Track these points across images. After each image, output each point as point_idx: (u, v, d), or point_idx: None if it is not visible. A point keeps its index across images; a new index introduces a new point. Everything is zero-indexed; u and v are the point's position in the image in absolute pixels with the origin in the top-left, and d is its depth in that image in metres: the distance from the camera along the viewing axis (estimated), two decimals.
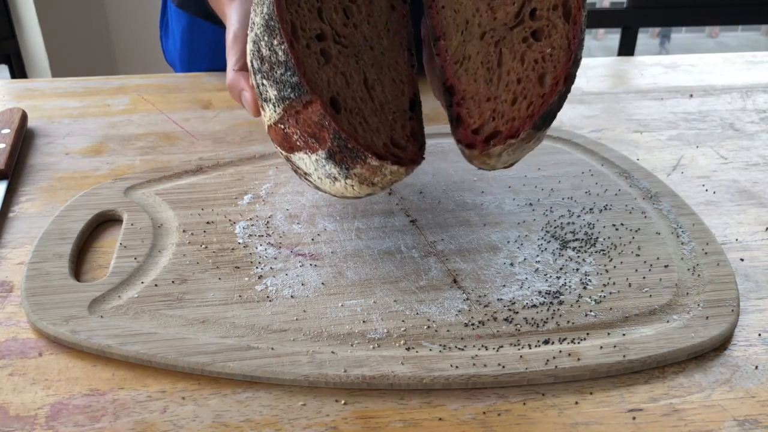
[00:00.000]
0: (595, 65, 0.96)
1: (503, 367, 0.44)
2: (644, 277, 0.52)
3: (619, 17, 2.14)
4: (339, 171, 0.45)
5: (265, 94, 0.46)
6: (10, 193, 0.62)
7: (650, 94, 0.85)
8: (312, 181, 0.49)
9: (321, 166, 0.46)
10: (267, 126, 0.48)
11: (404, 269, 0.52)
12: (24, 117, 0.73)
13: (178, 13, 0.89)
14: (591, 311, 0.48)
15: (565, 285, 0.51)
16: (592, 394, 0.43)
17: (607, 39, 4.33)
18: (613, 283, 0.51)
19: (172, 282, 0.50)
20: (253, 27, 0.46)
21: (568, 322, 0.47)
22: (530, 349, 0.45)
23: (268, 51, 0.44)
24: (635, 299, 0.50)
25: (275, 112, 0.46)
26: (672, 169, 0.68)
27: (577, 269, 0.53)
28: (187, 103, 0.80)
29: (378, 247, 0.55)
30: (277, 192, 0.62)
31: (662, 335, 0.46)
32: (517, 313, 0.48)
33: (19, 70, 2.00)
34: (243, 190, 0.62)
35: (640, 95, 0.85)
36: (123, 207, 0.58)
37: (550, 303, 0.49)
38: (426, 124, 0.75)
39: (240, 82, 0.53)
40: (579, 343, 0.46)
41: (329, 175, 0.46)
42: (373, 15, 0.50)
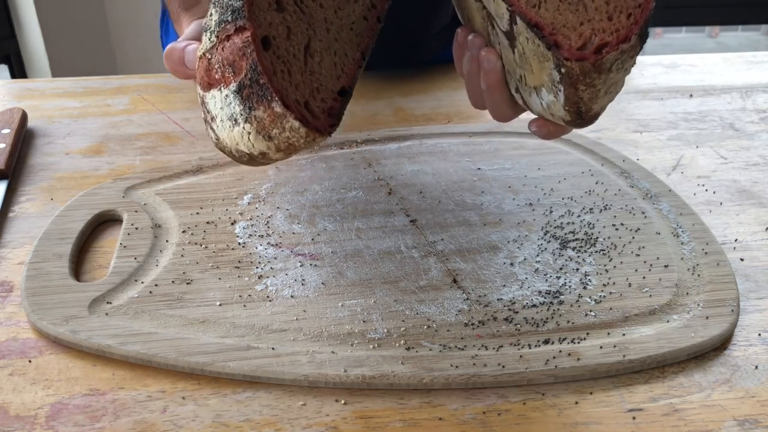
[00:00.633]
0: None
1: (503, 366, 0.44)
2: (644, 277, 0.52)
3: None
4: (241, 110, 0.44)
5: (208, 23, 0.46)
6: (10, 193, 0.62)
7: (650, 94, 0.85)
8: (214, 129, 0.48)
9: (227, 104, 0.45)
10: (198, 60, 0.48)
11: (404, 269, 0.52)
12: (24, 117, 0.73)
13: None
14: (591, 311, 0.49)
15: (565, 285, 0.51)
16: (592, 394, 0.43)
17: None
18: (613, 283, 0.51)
19: (172, 282, 0.50)
20: None
21: (568, 322, 0.47)
22: (530, 348, 0.45)
23: None
24: (635, 299, 0.50)
25: (209, 40, 0.46)
26: (672, 169, 0.68)
27: (577, 269, 0.53)
28: (187, 103, 0.80)
29: (378, 247, 0.55)
30: (277, 192, 0.62)
31: (662, 335, 0.46)
32: (517, 312, 0.48)
33: (19, 70, 2.00)
34: (243, 190, 0.62)
35: (640, 95, 0.85)
36: (123, 207, 0.58)
37: (550, 303, 0.49)
38: (425, 123, 0.75)
39: (176, 48, 0.52)
40: (579, 343, 0.46)
41: (231, 116, 0.45)
42: (343, 9, 0.49)
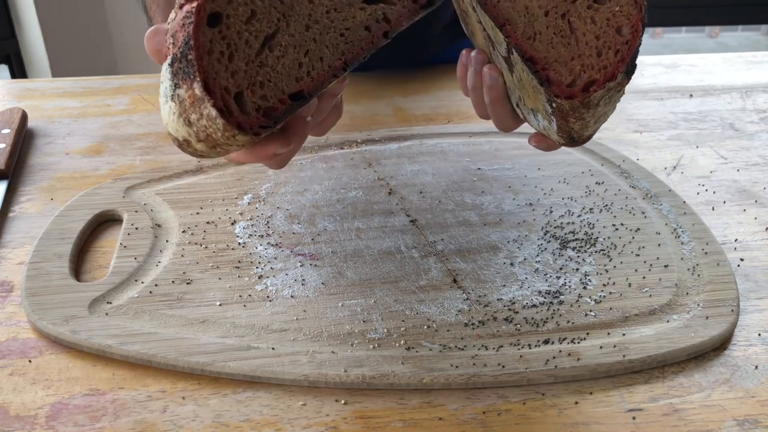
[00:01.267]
0: None
1: (503, 366, 0.44)
2: (644, 277, 0.52)
3: None
4: (170, 86, 0.42)
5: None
6: (10, 193, 0.62)
7: (650, 94, 0.85)
8: (160, 104, 0.46)
9: (165, 78, 0.43)
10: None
11: (404, 269, 0.52)
12: (24, 117, 0.73)
13: None
14: (591, 311, 0.49)
15: (565, 285, 0.51)
16: (592, 394, 0.43)
17: None
18: (613, 283, 0.51)
19: (172, 282, 0.50)
20: None
21: (568, 322, 0.47)
22: (530, 348, 0.45)
23: None
24: (635, 299, 0.50)
25: (174, 14, 0.43)
26: (672, 169, 0.68)
27: (577, 269, 0.53)
28: None
29: (378, 247, 0.55)
30: (277, 192, 0.62)
31: (662, 335, 0.46)
32: (517, 312, 0.48)
33: (19, 70, 2.00)
34: (243, 190, 0.62)
35: (640, 95, 0.85)
36: (123, 207, 0.58)
37: (550, 303, 0.49)
38: (425, 123, 0.75)
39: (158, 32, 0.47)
40: (579, 343, 0.46)
41: (165, 92, 0.43)
42: (340, 12, 0.46)
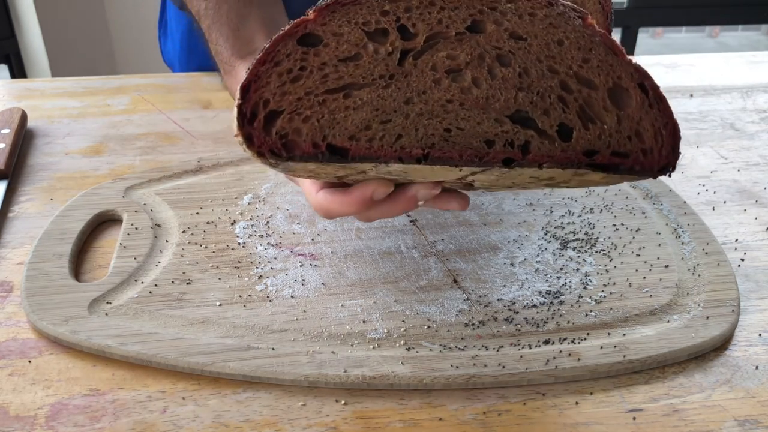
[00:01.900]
0: None
1: (503, 367, 0.44)
2: (644, 277, 0.52)
3: (619, 17, 2.14)
4: None
5: None
6: (10, 193, 0.62)
7: None
8: None
9: None
10: None
11: (404, 269, 0.52)
12: (24, 117, 0.73)
13: (178, 15, 0.89)
14: (591, 311, 0.48)
15: (565, 285, 0.51)
16: (592, 394, 0.43)
17: None
18: (614, 283, 0.51)
19: (172, 282, 0.50)
20: None
21: (569, 322, 0.47)
22: (530, 349, 0.45)
23: None
24: (635, 299, 0.50)
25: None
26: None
27: (578, 269, 0.53)
28: (187, 103, 0.80)
29: (378, 247, 0.55)
30: (277, 192, 0.62)
31: (662, 335, 0.46)
32: (518, 313, 0.48)
33: (19, 70, 2.00)
34: (243, 190, 0.62)
35: None
36: (123, 207, 0.58)
37: (551, 303, 0.49)
38: None
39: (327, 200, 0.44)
40: (579, 343, 0.46)
41: None
42: (466, 107, 0.40)
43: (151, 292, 0.49)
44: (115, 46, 2.10)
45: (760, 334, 0.48)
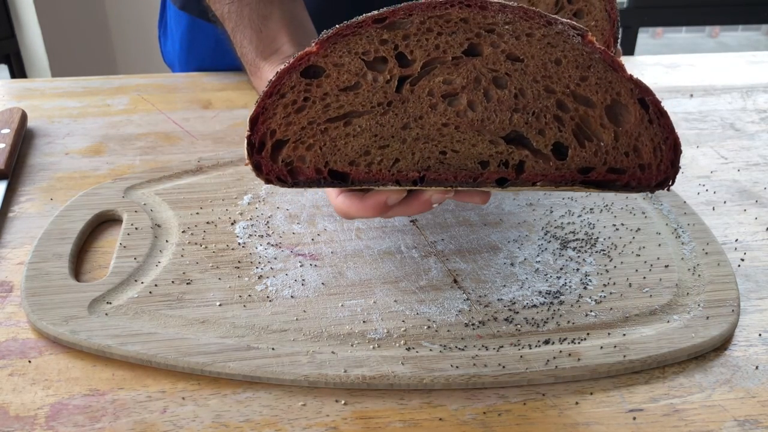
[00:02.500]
0: None
1: (503, 367, 0.44)
2: (644, 277, 0.52)
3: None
4: None
5: None
6: (10, 193, 0.62)
7: None
8: None
9: None
10: None
11: (404, 269, 0.52)
12: (24, 117, 0.73)
13: (178, 15, 0.89)
14: (591, 311, 0.48)
15: (565, 285, 0.51)
16: (592, 394, 0.43)
17: None
18: (614, 283, 0.51)
19: (172, 282, 0.50)
20: None
21: (569, 322, 0.47)
22: (530, 349, 0.45)
23: None
24: (635, 299, 0.50)
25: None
26: None
27: (578, 269, 0.53)
28: (187, 103, 0.80)
29: (378, 247, 0.55)
30: (277, 192, 0.61)
31: (662, 335, 0.46)
32: (518, 313, 0.48)
33: (19, 70, 2.00)
34: (243, 190, 0.62)
35: None
36: (123, 207, 0.58)
37: (551, 303, 0.49)
38: None
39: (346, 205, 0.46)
40: (579, 343, 0.46)
41: None
42: (460, 130, 0.41)
43: (151, 292, 0.49)
44: (115, 46, 2.10)
45: (760, 334, 0.48)
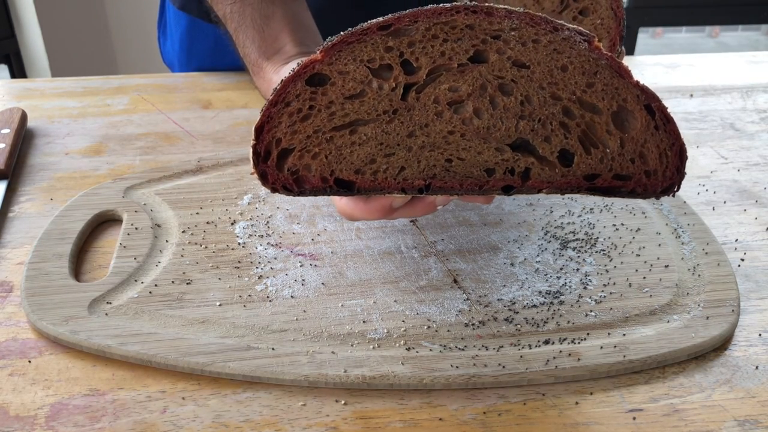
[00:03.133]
0: None
1: (503, 367, 0.44)
2: (644, 277, 0.52)
3: None
4: None
5: None
6: (10, 193, 0.62)
7: None
8: None
9: None
10: None
11: (404, 269, 0.52)
12: (24, 117, 0.73)
13: (178, 15, 0.89)
14: (591, 311, 0.48)
15: (565, 285, 0.51)
16: (592, 394, 0.43)
17: None
18: (614, 283, 0.51)
19: (172, 282, 0.50)
20: None
21: (569, 322, 0.47)
22: (530, 349, 0.45)
23: None
24: (635, 299, 0.50)
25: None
26: None
27: (578, 269, 0.53)
28: (187, 103, 0.80)
29: (378, 247, 0.55)
30: None
31: (662, 335, 0.46)
32: (518, 313, 0.48)
33: (19, 70, 2.00)
34: (243, 190, 0.62)
35: None
36: (123, 207, 0.58)
37: (551, 303, 0.49)
38: None
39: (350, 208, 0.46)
40: (579, 343, 0.46)
41: None
42: (466, 138, 0.40)
43: (151, 292, 0.49)
44: (115, 46, 2.10)
45: (760, 334, 0.48)
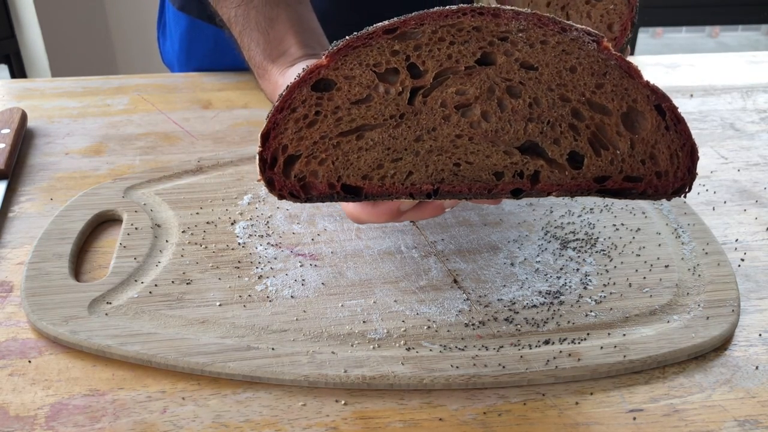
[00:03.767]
0: None
1: (504, 367, 0.44)
2: (644, 278, 0.52)
3: None
4: None
5: None
6: (10, 193, 0.62)
7: None
8: None
9: None
10: None
11: (404, 269, 0.52)
12: (24, 117, 0.73)
13: (177, 16, 0.89)
14: (591, 311, 0.48)
15: (565, 285, 0.51)
16: (592, 394, 0.43)
17: None
18: (614, 284, 0.51)
19: (172, 282, 0.50)
20: None
21: (569, 323, 0.47)
22: (531, 349, 0.45)
23: None
24: (635, 299, 0.50)
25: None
26: None
27: (578, 269, 0.53)
28: (187, 103, 0.80)
29: (378, 247, 0.55)
30: None
31: (663, 335, 0.46)
32: (518, 313, 0.48)
33: (19, 70, 2.00)
34: (243, 190, 0.62)
35: None
36: (123, 207, 0.58)
37: (551, 303, 0.49)
38: None
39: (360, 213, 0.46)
40: (579, 344, 0.46)
41: None
42: (474, 141, 0.40)
43: (151, 292, 0.49)
44: (115, 46, 2.10)
45: (760, 334, 0.48)
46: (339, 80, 0.39)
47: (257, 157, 0.39)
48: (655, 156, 0.40)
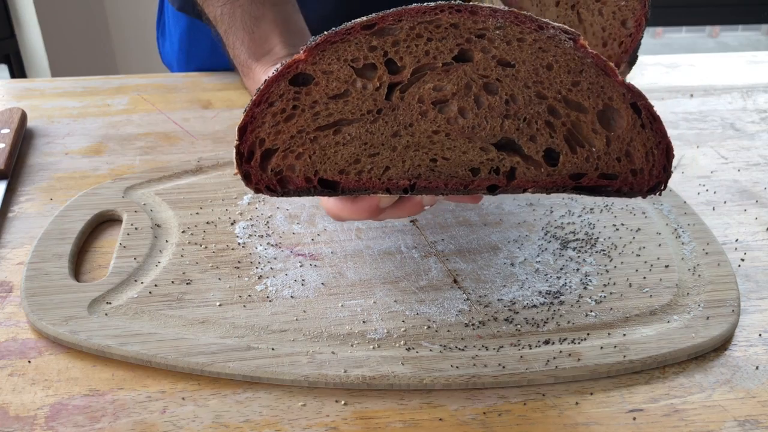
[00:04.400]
0: None
1: (504, 367, 0.44)
2: (645, 278, 0.52)
3: None
4: None
5: None
6: (10, 193, 0.62)
7: (650, 94, 0.84)
8: None
9: None
10: None
11: (404, 269, 0.52)
12: (24, 117, 0.73)
13: (177, 16, 0.89)
14: (591, 311, 0.48)
15: (565, 285, 0.51)
16: (592, 394, 0.43)
17: None
18: (614, 284, 0.51)
19: (172, 282, 0.50)
20: None
21: (569, 323, 0.47)
22: (531, 349, 0.45)
23: None
24: (636, 299, 0.50)
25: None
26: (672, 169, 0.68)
27: (578, 269, 0.53)
28: (187, 103, 0.80)
29: (378, 247, 0.55)
30: None
31: (663, 335, 0.46)
32: (518, 313, 0.48)
33: (18, 70, 2.00)
34: (243, 190, 0.62)
35: None
36: (123, 207, 0.58)
37: (551, 303, 0.49)
38: None
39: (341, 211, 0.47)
40: (579, 344, 0.46)
41: None
42: (451, 137, 0.40)
43: (151, 293, 0.49)
44: (115, 46, 2.10)
45: (761, 334, 0.48)
46: (317, 75, 0.39)
47: (234, 151, 0.39)
48: (631, 154, 0.40)
